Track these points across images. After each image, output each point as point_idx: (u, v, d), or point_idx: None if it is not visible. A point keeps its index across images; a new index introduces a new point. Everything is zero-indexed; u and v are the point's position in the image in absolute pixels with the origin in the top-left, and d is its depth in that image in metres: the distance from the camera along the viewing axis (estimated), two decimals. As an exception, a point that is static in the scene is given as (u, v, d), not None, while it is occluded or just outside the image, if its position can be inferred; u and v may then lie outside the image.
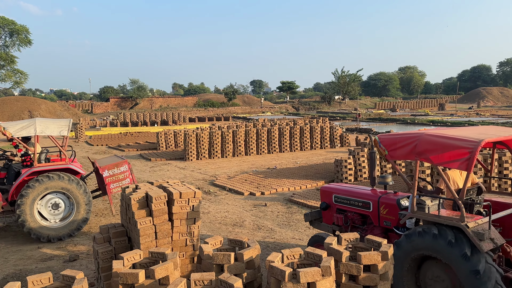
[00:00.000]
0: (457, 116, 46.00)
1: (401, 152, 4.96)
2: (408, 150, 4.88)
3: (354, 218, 6.09)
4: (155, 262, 4.47)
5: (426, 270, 4.77)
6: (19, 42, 54.65)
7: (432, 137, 4.68)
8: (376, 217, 5.74)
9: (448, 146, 4.47)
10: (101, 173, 8.71)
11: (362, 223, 6.03)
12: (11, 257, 7.24)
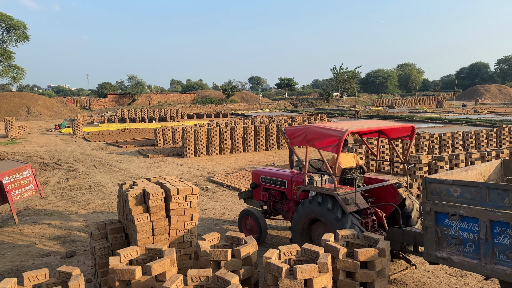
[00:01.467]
0: (455, 113, 46.06)
1: (298, 140, 6.36)
2: (301, 138, 6.25)
3: (275, 195, 7.50)
4: (152, 258, 4.47)
5: (315, 229, 6.18)
6: (16, 38, 54.37)
7: (316, 128, 6.07)
8: (289, 193, 7.15)
9: (326, 135, 5.88)
10: (0, 179, 8.00)
11: (281, 198, 7.44)
12: (8, 253, 7.23)
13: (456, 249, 4.51)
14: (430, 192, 4.69)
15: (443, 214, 4.57)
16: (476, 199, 4.33)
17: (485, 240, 4.23)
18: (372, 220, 6.14)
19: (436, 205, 4.61)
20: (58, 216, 9.58)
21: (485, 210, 4.22)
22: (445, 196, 4.57)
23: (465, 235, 4.41)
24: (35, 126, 36.61)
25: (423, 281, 5.79)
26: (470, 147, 15.51)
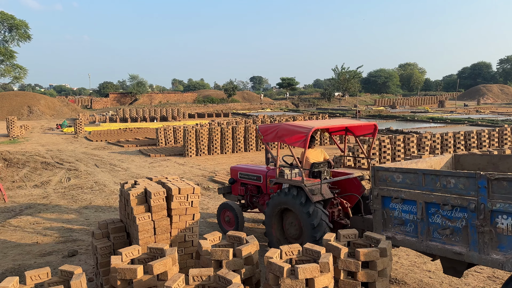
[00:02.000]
0: (456, 113, 45.98)
1: (270, 136, 6.90)
2: (273, 135, 6.81)
3: (252, 189, 8.03)
4: (154, 257, 4.47)
5: (286, 218, 6.68)
6: (18, 37, 54.43)
7: (286, 126, 6.67)
8: (264, 187, 7.72)
9: (294, 132, 6.42)
10: None
11: (257, 192, 7.98)
12: (10, 252, 7.25)
13: (399, 229, 5.07)
14: (378, 179, 5.25)
15: (388, 198, 5.15)
16: (415, 184, 4.89)
17: (421, 220, 4.80)
18: (338, 210, 6.76)
19: (382, 190, 5.18)
20: (60, 215, 9.60)
21: (421, 193, 4.79)
22: (389, 182, 5.14)
23: (406, 216, 4.98)
24: (37, 125, 36.68)
25: (424, 281, 5.79)
26: (472, 147, 15.48)
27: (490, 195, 4.22)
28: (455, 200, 4.50)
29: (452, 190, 4.56)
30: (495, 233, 4.22)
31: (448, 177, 4.63)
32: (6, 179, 13.40)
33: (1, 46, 53.86)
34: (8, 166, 14.99)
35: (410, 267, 6.28)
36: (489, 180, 4.22)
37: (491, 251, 4.25)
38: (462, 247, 4.48)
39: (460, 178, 4.51)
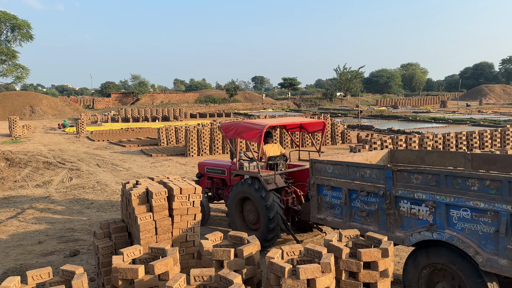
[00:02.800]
0: (458, 113, 45.89)
1: (230, 133, 7.55)
2: (233, 132, 7.46)
3: (217, 182, 8.78)
4: (155, 257, 4.47)
5: (245, 206, 7.40)
6: (20, 37, 54.55)
7: (243, 123, 7.38)
8: (228, 180, 8.41)
9: (250, 128, 7.16)
10: None
11: (222, 185, 8.73)
12: (12, 251, 7.26)
13: (329, 212, 5.98)
14: (314, 170, 6.12)
15: (321, 186, 5.99)
16: (341, 174, 5.75)
17: (345, 204, 5.67)
18: (292, 197, 7.56)
19: (317, 179, 6.05)
20: (62, 215, 9.61)
21: (345, 181, 5.63)
22: (323, 173, 6.00)
23: (335, 201, 5.86)
24: (39, 125, 36.75)
25: (426, 281, 5.77)
26: (474, 147, 15.44)
27: (394, 184, 5.04)
28: (369, 188, 5.33)
29: (367, 179, 5.41)
30: (398, 215, 5.04)
31: (365, 168, 5.48)
32: (8, 178, 13.43)
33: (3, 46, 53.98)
34: (10, 166, 15.02)
35: (411, 267, 6.26)
36: (393, 171, 5.04)
37: (395, 229, 5.07)
38: (375, 227, 5.32)
39: (373, 169, 5.35)
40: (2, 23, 52.89)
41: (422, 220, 4.80)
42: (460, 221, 4.49)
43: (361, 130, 29.16)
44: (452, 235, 4.48)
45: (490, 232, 4.24)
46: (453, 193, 4.52)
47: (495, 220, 4.20)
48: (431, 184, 4.73)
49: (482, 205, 4.27)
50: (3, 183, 12.88)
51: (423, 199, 4.74)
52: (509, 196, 4.10)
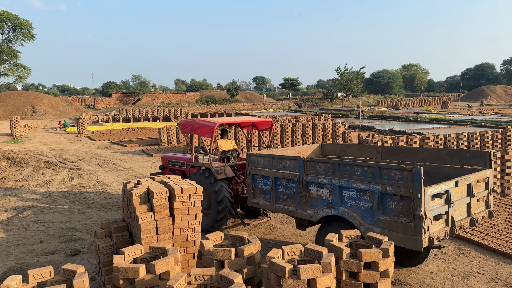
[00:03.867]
0: (460, 114, 45.84)
1: (187, 129, 8.51)
2: (190, 128, 8.46)
3: (178, 173, 9.28)
4: (156, 257, 4.48)
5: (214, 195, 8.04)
6: (22, 37, 54.70)
7: (198, 121, 8.42)
8: (188, 171, 8.99)
9: (204, 125, 8.20)
10: None
11: (182, 176, 9.02)
12: (13, 250, 7.27)
13: (261, 197, 6.99)
14: (250, 162, 7.12)
15: (255, 175, 7.04)
16: (269, 165, 6.77)
17: (272, 189, 6.70)
18: (242, 187, 8.44)
19: (252, 170, 7.07)
20: (63, 214, 9.63)
21: (272, 171, 6.69)
22: (256, 164, 7.02)
23: (265, 187, 6.89)
24: (40, 124, 36.80)
25: (426, 282, 5.78)
26: (475, 148, 15.43)
27: (305, 172, 6.16)
28: (289, 175, 6.39)
29: (287, 169, 6.47)
30: (308, 196, 6.14)
31: (285, 160, 6.53)
32: (9, 178, 13.45)
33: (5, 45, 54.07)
34: (11, 165, 15.05)
35: (412, 268, 6.27)
36: (304, 161, 6.16)
37: (307, 208, 6.19)
38: (293, 207, 6.43)
39: (291, 161, 6.42)
40: (3, 22, 52.97)
41: (324, 200, 5.95)
42: (349, 199, 5.61)
43: (362, 130, 29.15)
44: (344, 211, 5.64)
45: (368, 207, 5.35)
46: (344, 178, 5.65)
47: (371, 198, 5.28)
48: (330, 171, 5.87)
49: (363, 186, 5.37)
50: (5, 183, 12.90)
51: (324, 183, 5.88)
52: (379, 179, 5.24)
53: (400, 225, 5.00)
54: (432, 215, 4.99)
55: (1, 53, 53.24)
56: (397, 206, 5.06)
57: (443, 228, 5.15)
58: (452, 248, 7.04)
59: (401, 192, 4.97)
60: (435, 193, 5.00)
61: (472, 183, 5.56)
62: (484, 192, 5.90)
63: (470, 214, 5.62)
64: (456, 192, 5.34)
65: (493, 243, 7.01)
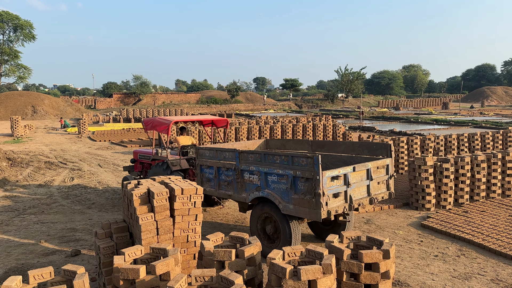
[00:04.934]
0: (460, 115, 45.81)
1: (149, 127, 9.75)
2: (150, 126, 9.63)
3: (146, 166, 10.38)
4: (156, 258, 4.48)
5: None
6: (23, 37, 54.77)
7: (157, 119, 9.57)
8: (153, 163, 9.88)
9: (161, 123, 9.34)
10: None
11: (149, 168, 10.02)
12: (14, 251, 7.27)
13: (208, 185, 7.92)
14: (198, 154, 8.06)
15: (202, 166, 7.99)
16: (213, 157, 7.76)
17: (216, 178, 7.69)
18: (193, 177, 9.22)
19: (200, 161, 8.00)
20: (63, 215, 9.62)
21: (216, 161, 7.66)
22: (203, 156, 7.96)
23: (210, 176, 7.83)
24: (41, 125, 36.83)
25: (427, 283, 5.77)
26: (475, 149, 15.42)
27: (240, 161, 7.13)
28: (228, 165, 7.37)
29: (227, 159, 7.45)
30: (243, 182, 7.14)
31: (225, 152, 7.51)
32: (10, 178, 13.45)
33: (6, 46, 54.13)
34: (12, 166, 15.05)
35: (413, 269, 6.26)
36: (239, 153, 7.14)
37: (242, 192, 7.19)
38: (231, 191, 7.44)
39: (229, 152, 7.39)
40: (4, 23, 53.04)
41: (254, 184, 6.96)
42: (272, 183, 6.63)
43: (362, 131, 29.14)
44: (268, 192, 6.66)
45: (285, 189, 6.37)
46: (268, 165, 6.69)
47: (287, 181, 6.32)
48: (258, 160, 6.89)
49: (281, 171, 6.42)
50: (5, 183, 12.91)
51: (254, 170, 6.91)
52: (292, 165, 6.26)
53: (306, 201, 6.07)
54: (331, 193, 6.06)
55: (2, 53, 53.31)
56: (304, 187, 6.10)
57: (342, 204, 6.25)
58: (453, 249, 7.03)
59: (306, 175, 6.02)
60: (333, 175, 6.09)
61: (371, 168, 6.64)
62: (384, 177, 6.94)
63: (369, 194, 6.70)
64: (355, 176, 6.41)
65: (494, 244, 7.00)
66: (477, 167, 9.83)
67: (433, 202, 9.43)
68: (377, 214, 9.20)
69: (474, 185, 9.86)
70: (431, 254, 6.88)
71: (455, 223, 8.20)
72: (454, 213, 8.98)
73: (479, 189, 9.85)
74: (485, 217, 8.53)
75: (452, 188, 9.53)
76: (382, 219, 8.87)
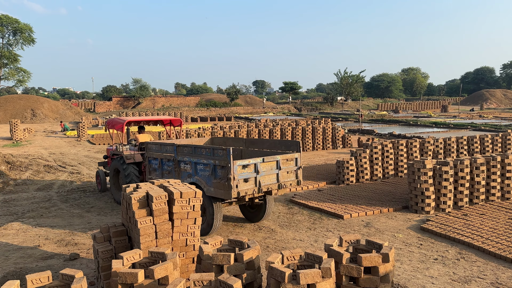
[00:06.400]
0: (459, 118, 45.86)
1: (109, 126, 11.43)
2: (110, 125, 11.35)
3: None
4: (155, 262, 4.46)
5: (119, 175, 10.97)
6: (22, 41, 54.79)
7: (114, 119, 11.34)
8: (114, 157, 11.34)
9: (118, 122, 11.04)
10: None
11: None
12: (12, 255, 7.24)
13: (154, 174, 9.36)
14: (147, 148, 9.55)
15: (149, 158, 9.48)
16: (158, 150, 9.21)
17: (160, 168, 9.16)
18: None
19: (148, 154, 9.53)
20: (62, 218, 9.60)
21: (160, 154, 9.12)
22: (150, 150, 9.45)
23: (155, 166, 9.31)
24: (40, 128, 36.81)
25: (427, 286, 5.75)
26: (475, 152, 15.42)
27: (178, 153, 8.54)
28: (169, 157, 8.82)
29: (168, 152, 8.90)
30: (180, 171, 8.56)
31: (167, 146, 8.93)
32: (9, 182, 13.43)
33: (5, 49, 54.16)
34: (11, 169, 15.02)
35: (412, 272, 6.25)
36: (177, 146, 8.56)
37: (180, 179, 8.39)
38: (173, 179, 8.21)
39: (169, 146, 8.85)
40: (4, 26, 53.08)
41: (188, 172, 8.36)
42: (200, 171, 8.01)
43: (362, 134, 29.15)
44: (197, 179, 8.02)
45: (208, 175, 7.76)
46: (197, 156, 8.06)
47: (209, 168, 7.72)
48: (190, 152, 8.26)
49: (205, 161, 7.80)
50: (4, 187, 12.88)
51: (187, 160, 8.30)
52: (213, 156, 7.64)
53: (222, 184, 7.43)
54: (241, 178, 7.41)
55: (2, 57, 53.34)
56: (221, 173, 7.48)
57: (252, 187, 7.60)
58: (453, 253, 7.02)
59: (222, 164, 7.41)
60: (243, 164, 7.45)
61: (280, 160, 7.97)
62: (293, 168, 8.22)
63: (278, 181, 8.00)
64: (264, 165, 7.75)
65: (493, 247, 6.98)
66: (476, 170, 9.82)
67: (433, 205, 9.42)
68: (377, 217, 9.19)
69: (474, 188, 9.86)
70: (430, 257, 6.86)
71: (455, 226, 8.19)
72: (454, 216, 8.97)
73: (478, 192, 9.85)
74: (485, 220, 8.52)
75: (452, 191, 9.52)
76: (382, 222, 8.86)
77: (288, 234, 8.25)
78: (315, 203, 10.20)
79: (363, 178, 12.90)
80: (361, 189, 11.80)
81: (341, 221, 9.00)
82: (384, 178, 13.30)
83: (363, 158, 12.95)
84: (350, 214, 9.24)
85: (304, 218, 9.29)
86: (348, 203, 10.22)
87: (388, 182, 12.75)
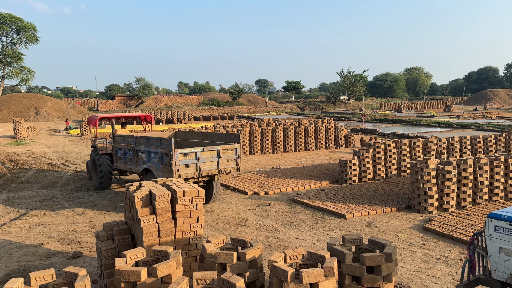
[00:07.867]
0: (463, 117, 45.71)
1: (88, 122, 13.58)
2: (89, 121, 13.51)
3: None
4: (158, 260, 4.47)
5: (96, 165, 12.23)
6: (26, 40, 54.92)
7: (91, 116, 13.55)
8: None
9: (93, 119, 13.13)
10: None
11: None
12: (15, 253, 7.28)
13: (119, 162, 11.18)
14: (114, 140, 11.36)
15: (116, 148, 11.34)
16: (122, 142, 10.98)
17: (124, 157, 10.96)
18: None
19: (115, 145, 11.33)
20: (65, 217, 9.63)
21: (124, 145, 10.86)
22: (117, 141, 11.16)
23: (120, 155, 11.15)
24: (44, 127, 36.91)
25: (430, 286, 5.74)
26: (478, 152, 15.37)
27: (136, 144, 10.27)
28: (129, 147, 10.52)
29: (129, 143, 10.62)
30: (138, 158, 10.28)
31: (128, 137, 10.70)
32: (12, 180, 13.48)
33: (9, 48, 54.32)
34: (14, 167, 15.08)
35: (415, 272, 6.24)
36: (135, 138, 10.27)
37: (137, 166, 10.39)
38: (132, 166, 10.75)
39: (130, 138, 10.55)
40: (8, 25, 53.23)
41: (143, 160, 10.11)
42: (152, 158, 9.71)
43: (364, 134, 29.09)
44: (149, 165, 9.74)
45: (157, 161, 9.51)
46: (150, 146, 9.73)
47: (158, 156, 9.41)
48: (145, 143, 9.90)
49: (155, 150, 9.46)
50: (8, 185, 12.93)
51: (143, 150, 9.97)
52: (160, 145, 9.25)
53: (167, 169, 9.09)
54: (183, 164, 9.00)
55: (5, 55, 53.50)
56: (167, 159, 9.07)
57: (193, 172, 9.19)
58: (456, 253, 7.00)
59: (167, 152, 8.99)
60: (184, 152, 9.03)
61: (219, 150, 9.51)
62: (233, 156, 9.78)
63: (218, 167, 9.56)
64: (205, 154, 9.31)
65: (496, 247, 6.96)
66: (479, 170, 9.79)
67: (436, 205, 9.40)
68: (379, 217, 9.18)
69: (477, 188, 9.83)
70: (433, 257, 6.85)
71: (458, 226, 8.17)
72: (457, 216, 8.94)
73: (481, 192, 9.82)
74: (488, 220, 8.49)
75: (455, 191, 9.49)
76: (384, 222, 8.85)
77: (290, 233, 8.25)
78: (317, 203, 10.19)
79: (366, 178, 12.88)
80: (364, 188, 11.78)
81: (343, 220, 9.00)
82: (387, 178, 13.28)
83: (366, 158, 12.93)
84: (353, 213, 9.23)
85: (307, 218, 9.29)
86: (350, 202, 10.21)
87: (391, 181, 12.73)
